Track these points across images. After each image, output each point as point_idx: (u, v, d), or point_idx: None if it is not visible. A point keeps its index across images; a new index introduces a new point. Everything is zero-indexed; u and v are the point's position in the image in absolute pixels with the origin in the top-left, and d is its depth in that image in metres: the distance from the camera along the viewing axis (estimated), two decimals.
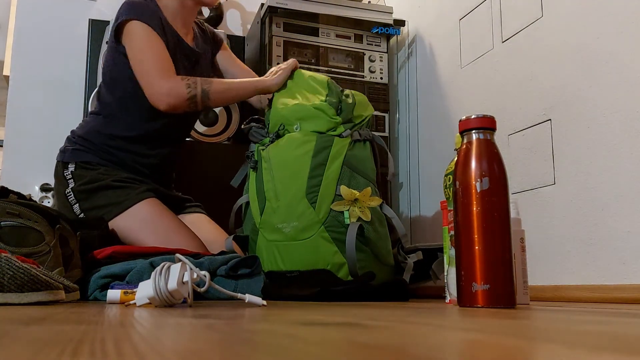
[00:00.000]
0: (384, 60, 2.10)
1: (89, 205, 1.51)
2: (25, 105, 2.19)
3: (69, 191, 1.53)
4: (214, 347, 0.30)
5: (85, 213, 1.50)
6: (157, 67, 1.45)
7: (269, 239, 1.36)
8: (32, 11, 2.25)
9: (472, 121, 0.88)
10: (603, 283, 1.24)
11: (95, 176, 1.53)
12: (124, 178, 1.54)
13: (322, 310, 0.72)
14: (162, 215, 1.50)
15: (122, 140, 1.58)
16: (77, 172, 1.54)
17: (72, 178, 1.54)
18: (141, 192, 1.52)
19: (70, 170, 1.55)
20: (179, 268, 0.80)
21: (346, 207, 1.30)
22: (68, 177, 1.55)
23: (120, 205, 1.49)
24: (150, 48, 1.47)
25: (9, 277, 0.76)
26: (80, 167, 1.55)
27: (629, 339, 0.35)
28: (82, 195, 1.52)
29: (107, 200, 1.50)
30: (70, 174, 1.55)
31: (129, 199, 1.49)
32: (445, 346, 0.31)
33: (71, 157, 1.57)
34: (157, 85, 1.44)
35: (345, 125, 1.40)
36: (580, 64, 1.35)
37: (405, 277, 1.34)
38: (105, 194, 1.51)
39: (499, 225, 0.84)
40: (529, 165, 1.48)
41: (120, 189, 1.51)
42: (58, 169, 1.58)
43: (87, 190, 1.51)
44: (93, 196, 1.51)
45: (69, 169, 1.55)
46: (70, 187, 1.53)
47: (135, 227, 1.48)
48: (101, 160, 1.56)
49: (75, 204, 1.52)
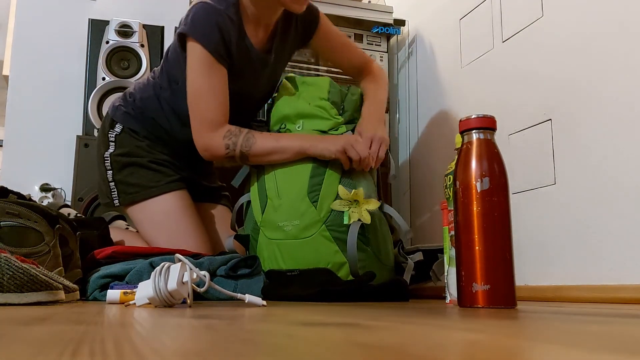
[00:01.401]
0: (384, 60, 2.10)
1: (120, 177, 1.52)
2: (25, 105, 2.19)
3: (107, 155, 1.54)
4: (214, 347, 0.30)
5: (116, 184, 1.52)
6: (205, 117, 1.38)
7: (270, 238, 1.37)
8: (32, 11, 2.25)
9: (473, 121, 0.88)
10: (603, 283, 1.24)
11: (134, 150, 1.53)
12: (161, 160, 1.54)
13: (322, 310, 0.72)
14: (180, 213, 1.50)
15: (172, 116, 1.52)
16: (122, 137, 1.54)
17: (114, 141, 1.54)
18: (172, 181, 1.52)
19: (116, 132, 1.55)
20: (179, 268, 0.80)
21: (346, 208, 1.30)
22: (111, 139, 1.55)
23: (148, 191, 1.49)
24: (207, 89, 1.38)
25: (9, 277, 0.76)
26: (125, 133, 1.55)
27: (628, 339, 0.35)
28: (117, 165, 1.53)
29: (138, 179, 1.50)
30: (114, 137, 1.55)
31: (157, 186, 1.50)
32: (445, 346, 0.31)
33: (122, 118, 1.56)
34: (200, 134, 1.40)
35: (347, 126, 1.40)
36: (581, 63, 1.35)
37: (405, 277, 1.34)
38: (138, 172, 1.51)
39: (499, 225, 0.84)
40: (529, 165, 1.48)
41: (153, 172, 1.51)
42: (105, 124, 1.58)
43: (122, 163, 1.52)
44: (126, 170, 1.52)
45: (115, 130, 1.55)
46: (110, 151, 1.54)
47: (149, 220, 1.49)
48: (148, 132, 1.55)
49: (110, 171, 1.53)
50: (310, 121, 1.41)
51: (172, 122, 1.53)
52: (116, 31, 2.04)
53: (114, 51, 2.03)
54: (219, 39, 1.36)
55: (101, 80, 2.00)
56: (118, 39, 2.04)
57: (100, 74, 2.01)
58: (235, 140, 1.37)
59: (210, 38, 1.35)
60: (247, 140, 1.37)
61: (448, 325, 0.48)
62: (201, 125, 1.39)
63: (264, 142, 1.37)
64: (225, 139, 1.38)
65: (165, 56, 1.53)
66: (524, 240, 1.45)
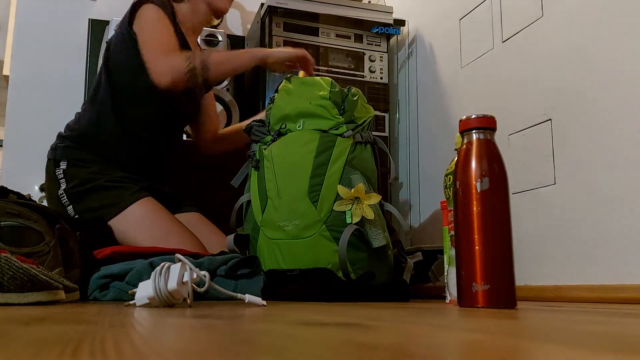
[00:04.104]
0: (384, 60, 2.10)
1: (82, 207, 1.48)
2: (25, 105, 2.19)
3: (61, 192, 1.51)
4: (214, 347, 0.30)
5: (80, 215, 1.48)
6: (160, 45, 1.47)
7: (270, 237, 1.36)
8: (32, 11, 2.25)
9: (473, 121, 0.88)
10: (603, 283, 1.24)
11: (87, 176, 1.50)
12: (117, 177, 1.51)
13: (322, 310, 0.72)
14: (158, 216, 1.49)
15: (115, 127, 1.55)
16: (69, 171, 1.52)
17: (64, 178, 1.52)
18: (135, 192, 1.50)
19: (62, 169, 1.52)
20: (179, 268, 0.80)
21: (348, 207, 1.30)
22: (60, 177, 1.52)
23: (115, 207, 1.47)
24: (159, 29, 1.49)
25: (9, 277, 0.76)
26: (72, 165, 1.52)
27: (629, 339, 0.35)
28: (75, 197, 1.49)
29: (101, 202, 1.48)
30: (62, 173, 1.52)
31: (123, 200, 1.47)
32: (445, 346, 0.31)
33: (63, 154, 1.54)
34: (158, 62, 1.45)
35: (348, 126, 1.40)
36: (581, 63, 1.35)
37: (405, 277, 1.34)
38: (99, 195, 1.48)
39: (499, 225, 0.84)
40: (529, 165, 1.48)
41: (114, 190, 1.49)
42: (49, 167, 1.55)
43: (80, 193, 1.49)
44: (86, 198, 1.49)
45: (60, 168, 1.53)
46: (63, 188, 1.51)
47: (131, 229, 1.46)
48: (94, 156, 1.54)
49: (69, 206, 1.49)
50: (311, 120, 1.41)
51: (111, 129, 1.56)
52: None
53: None
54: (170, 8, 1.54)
55: None
56: None
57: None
58: (193, 53, 1.47)
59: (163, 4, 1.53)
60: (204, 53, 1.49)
61: (448, 325, 0.48)
62: (156, 55, 1.46)
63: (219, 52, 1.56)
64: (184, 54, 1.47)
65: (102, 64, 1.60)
66: (524, 240, 1.45)
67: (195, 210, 1.67)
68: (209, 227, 1.62)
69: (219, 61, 1.47)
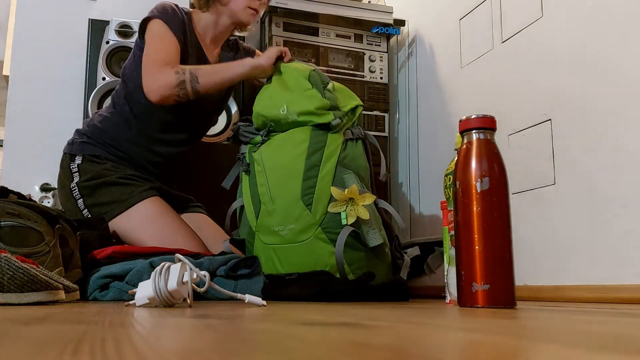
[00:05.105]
0: (384, 60, 2.10)
1: (92, 201, 1.51)
2: (25, 105, 2.18)
3: (73, 185, 1.53)
4: (214, 347, 0.30)
5: (89, 209, 1.51)
6: (155, 61, 1.47)
7: (265, 242, 1.36)
8: (32, 11, 2.25)
9: (473, 121, 0.88)
10: (603, 283, 1.24)
11: (100, 172, 1.53)
12: (129, 175, 1.55)
13: (322, 310, 0.72)
14: (164, 215, 1.51)
15: (134, 135, 1.58)
16: (84, 166, 1.55)
17: (77, 172, 1.55)
18: (144, 190, 1.52)
19: (77, 163, 1.56)
20: (179, 268, 0.80)
21: (342, 208, 1.29)
22: (74, 170, 1.55)
23: (124, 203, 1.49)
24: (158, 43, 1.49)
25: (9, 277, 0.76)
26: (87, 161, 1.56)
27: (628, 339, 0.35)
28: (86, 191, 1.52)
29: (111, 197, 1.50)
30: (76, 167, 1.55)
31: (132, 197, 1.50)
32: (445, 346, 0.31)
33: (79, 149, 1.57)
34: (149, 78, 1.46)
35: (335, 113, 1.38)
36: (581, 63, 1.35)
37: (402, 274, 1.33)
38: (109, 190, 1.51)
39: (499, 225, 0.84)
40: (529, 165, 1.48)
41: (125, 186, 1.52)
42: (64, 161, 1.59)
43: (91, 187, 1.52)
44: (97, 192, 1.52)
45: (75, 162, 1.56)
46: (75, 181, 1.54)
47: (137, 226, 1.48)
48: (109, 155, 1.57)
49: (80, 199, 1.52)
50: (295, 104, 1.39)
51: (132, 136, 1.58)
52: (116, 31, 2.04)
53: (114, 51, 2.03)
54: (180, 23, 1.53)
55: (101, 80, 2.00)
56: (118, 39, 2.03)
57: (100, 74, 2.01)
58: (183, 67, 1.47)
59: (171, 20, 1.52)
60: (194, 66, 1.50)
61: (448, 325, 0.48)
62: (149, 69, 1.46)
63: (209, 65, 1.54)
64: (174, 68, 1.47)
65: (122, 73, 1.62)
66: (524, 240, 1.45)
67: (202, 212, 1.69)
68: (214, 229, 1.63)
69: (208, 72, 1.48)
